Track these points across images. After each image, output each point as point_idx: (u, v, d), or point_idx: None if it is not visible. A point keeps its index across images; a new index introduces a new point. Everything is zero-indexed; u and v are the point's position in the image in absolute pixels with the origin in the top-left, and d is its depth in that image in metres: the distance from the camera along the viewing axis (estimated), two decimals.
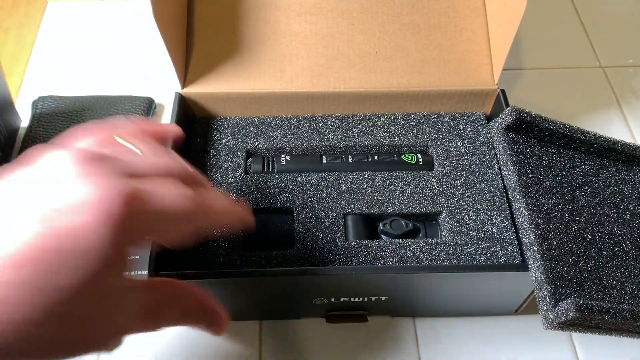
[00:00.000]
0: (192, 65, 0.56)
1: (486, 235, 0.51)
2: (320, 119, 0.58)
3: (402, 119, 0.58)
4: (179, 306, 0.35)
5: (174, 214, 0.31)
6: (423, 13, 0.58)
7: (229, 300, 0.50)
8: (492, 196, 0.53)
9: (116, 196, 0.28)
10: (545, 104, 0.69)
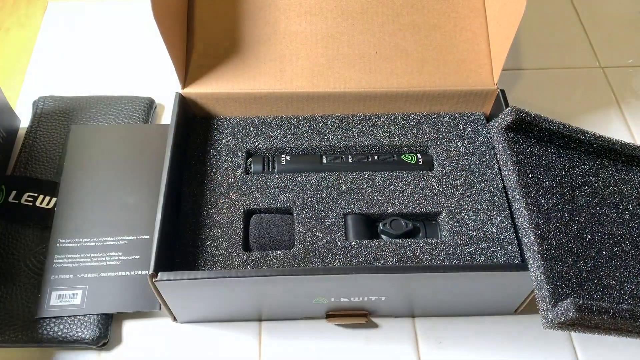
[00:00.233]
0: (192, 65, 0.56)
1: (486, 235, 0.51)
2: (320, 119, 0.58)
3: (402, 119, 0.58)
4: None
5: None
6: (423, 13, 0.59)
7: (229, 300, 0.50)
8: (492, 196, 0.53)
9: None
10: (545, 104, 0.69)
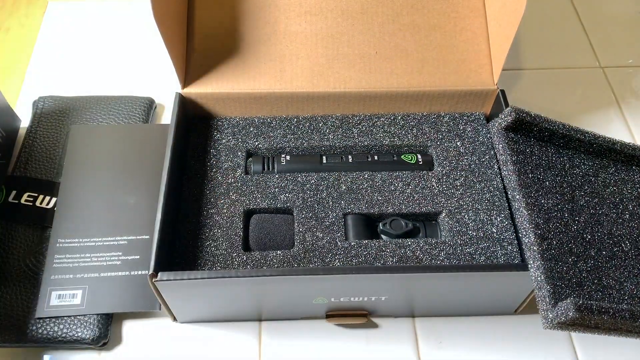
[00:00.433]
0: (192, 65, 0.56)
1: (486, 235, 0.51)
2: (320, 119, 0.58)
3: (402, 119, 0.58)
4: None
5: None
6: (423, 13, 0.59)
7: (229, 300, 0.50)
8: (492, 196, 0.53)
9: None
10: (545, 104, 0.69)
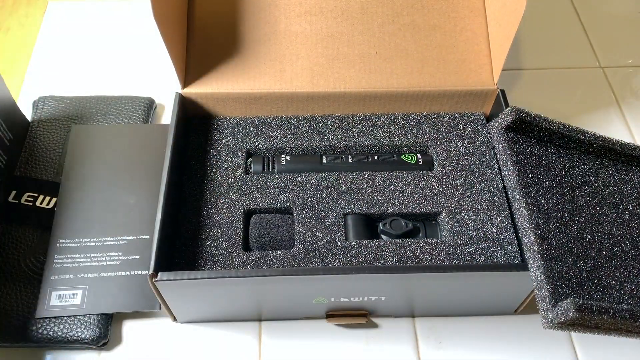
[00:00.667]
0: (192, 65, 0.56)
1: (486, 235, 0.51)
2: (320, 119, 0.58)
3: (402, 119, 0.58)
4: None
5: None
6: (423, 13, 0.59)
7: (229, 300, 0.50)
8: (492, 196, 0.53)
9: None
10: (545, 104, 0.69)
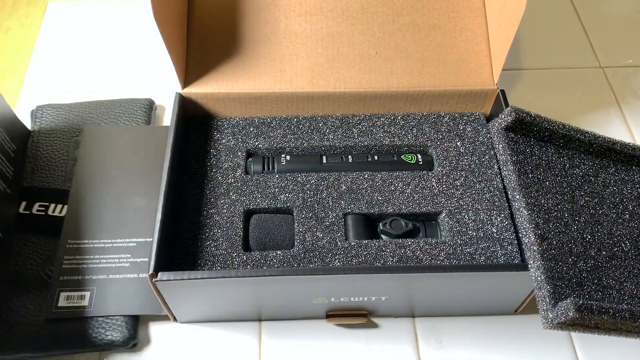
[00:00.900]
0: (192, 65, 0.56)
1: (486, 235, 0.51)
2: (320, 119, 0.58)
3: (402, 119, 0.58)
4: None
5: None
6: (423, 13, 0.59)
7: (229, 300, 0.50)
8: (492, 196, 0.53)
9: None
10: (545, 104, 0.69)
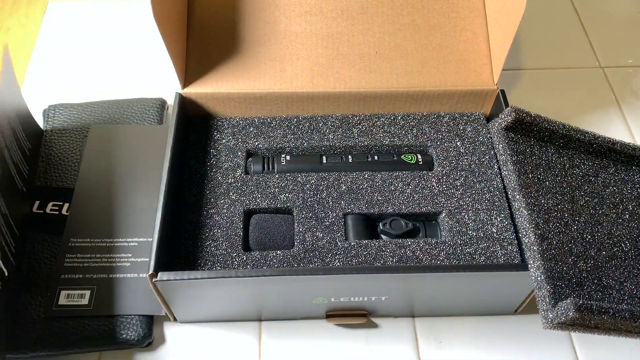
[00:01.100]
0: (192, 65, 0.56)
1: (486, 235, 0.51)
2: (320, 119, 0.58)
3: (402, 119, 0.58)
4: None
5: None
6: (423, 13, 0.59)
7: (229, 300, 0.50)
8: (492, 196, 0.53)
9: None
10: (545, 104, 0.69)
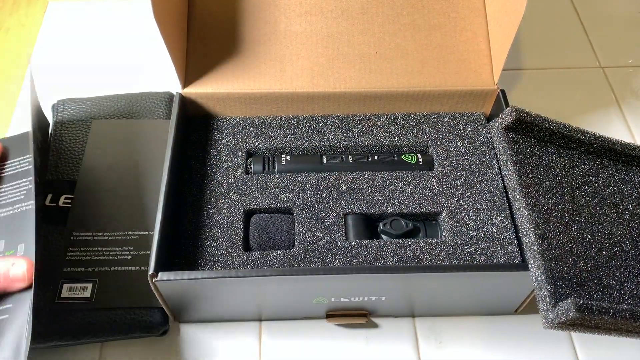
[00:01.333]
0: (192, 65, 0.56)
1: (486, 235, 0.51)
2: (320, 119, 0.58)
3: (402, 119, 0.58)
4: None
5: None
6: (423, 13, 0.59)
7: (229, 300, 0.50)
8: (492, 196, 0.53)
9: None
10: (545, 104, 0.69)
